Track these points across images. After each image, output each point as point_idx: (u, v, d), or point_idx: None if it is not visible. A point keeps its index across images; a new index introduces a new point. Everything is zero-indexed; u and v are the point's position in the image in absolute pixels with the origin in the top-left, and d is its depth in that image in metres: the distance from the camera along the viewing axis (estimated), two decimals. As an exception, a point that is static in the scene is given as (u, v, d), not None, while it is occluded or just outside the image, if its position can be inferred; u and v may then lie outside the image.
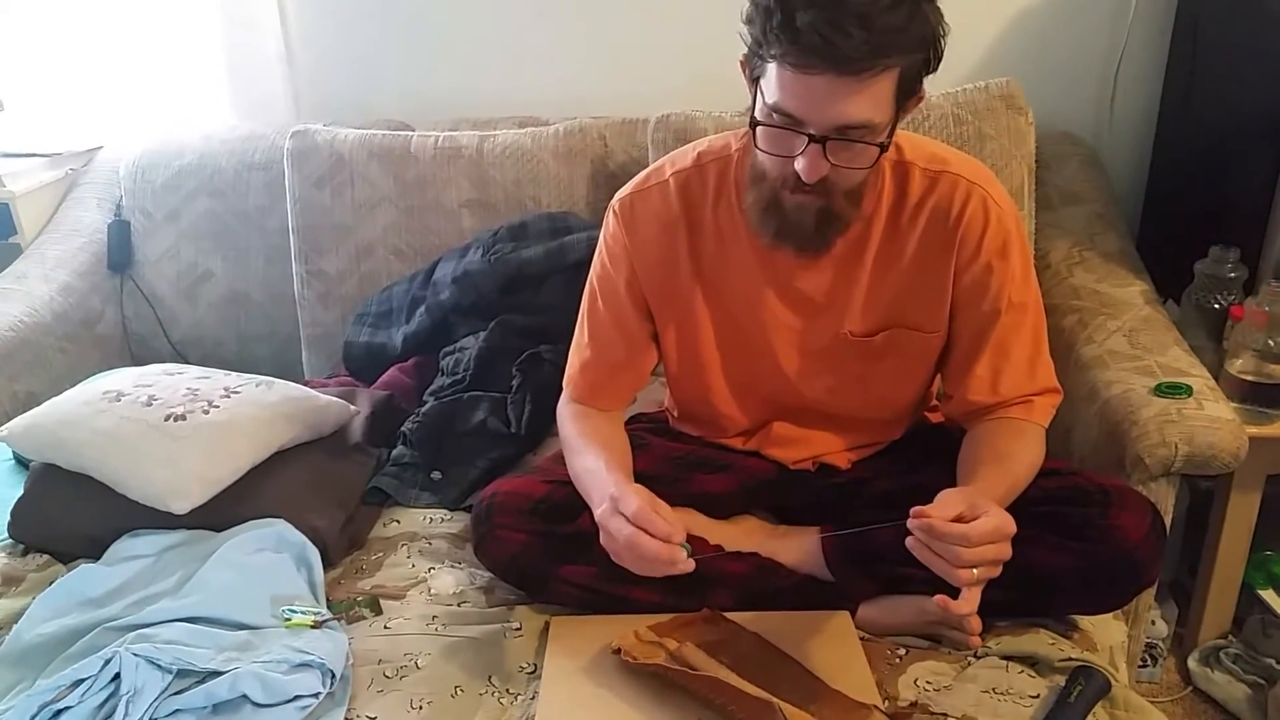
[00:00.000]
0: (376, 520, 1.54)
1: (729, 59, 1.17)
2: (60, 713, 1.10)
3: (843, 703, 1.09)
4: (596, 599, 1.26)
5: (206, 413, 1.45)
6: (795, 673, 1.15)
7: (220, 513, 1.41)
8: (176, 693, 1.12)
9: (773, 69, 1.06)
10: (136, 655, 1.14)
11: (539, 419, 1.63)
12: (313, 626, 1.23)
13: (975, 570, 1.00)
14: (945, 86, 1.86)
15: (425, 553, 1.44)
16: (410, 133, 2.03)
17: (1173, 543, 1.70)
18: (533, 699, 1.15)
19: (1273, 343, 1.53)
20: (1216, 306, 1.66)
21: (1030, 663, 1.18)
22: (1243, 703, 1.65)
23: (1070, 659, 1.17)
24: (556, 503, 1.29)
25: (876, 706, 1.09)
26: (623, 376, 1.38)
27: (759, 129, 1.11)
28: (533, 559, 1.27)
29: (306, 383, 1.82)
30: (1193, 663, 1.72)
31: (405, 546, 1.46)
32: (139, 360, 2.15)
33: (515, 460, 1.63)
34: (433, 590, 1.36)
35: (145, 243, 2.16)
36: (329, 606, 1.32)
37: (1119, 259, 1.81)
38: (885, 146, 1.10)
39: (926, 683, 1.16)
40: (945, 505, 1.02)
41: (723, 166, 1.27)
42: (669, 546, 1.08)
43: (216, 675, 1.13)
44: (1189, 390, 1.43)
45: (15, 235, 2.17)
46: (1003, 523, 1.02)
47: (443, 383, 1.73)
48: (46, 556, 1.45)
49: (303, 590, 1.31)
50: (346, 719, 1.14)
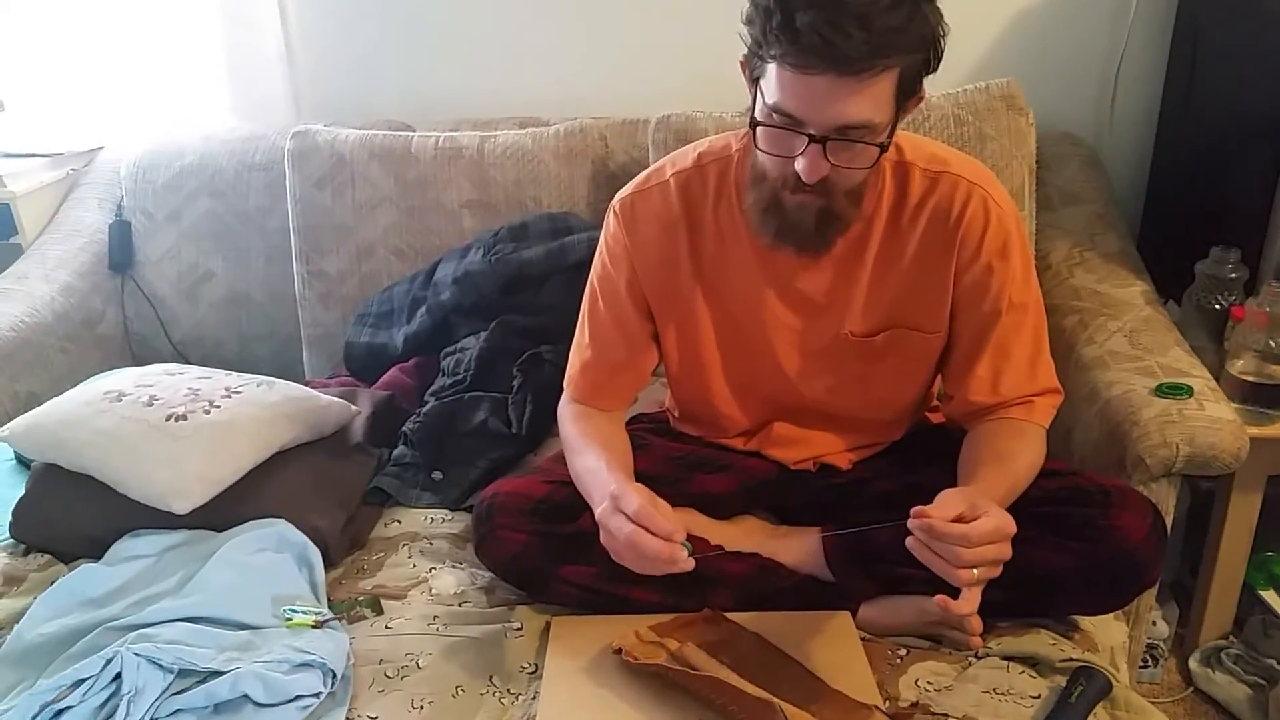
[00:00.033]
0: (377, 520, 1.54)
1: (729, 59, 1.17)
2: (61, 712, 1.10)
3: (843, 703, 1.09)
4: (597, 599, 1.26)
5: (208, 413, 1.46)
6: (796, 673, 1.15)
7: (221, 513, 1.41)
8: (178, 692, 1.12)
9: (773, 69, 1.06)
10: (138, 655, 1.14)
11: (540, 419, 1.63)
12: (314, 626, 1.23)
13: (975, 570, 1.00)
14: (946, 87, 1.86)
15: (426, 553, 1.44)
16: (411, 133, 2.03)
17: (1174, 543, 1.70)
18: (533, 699, 1.15)
19: (1274, 343, 1.52)
20: (1217, 307, 1.66)
21: (1031, 663, 1.18)
22: (1244, 703, 1.65)
23: (1071, 659, 1.17)
24: (557, 503, 1.29)
25: (877, 707, 1.09)
26: (623, 377, 1.38)
27: (759, 129, 1.11)
28: (533, 559, 1.27)
29: (307, 383, 1.82)
30: (1194, 663, 1.72)
31: (406, 546, 1.46)
32: (140, 360, 2.15)
33: (516, 460, 1.64)
34: (434, 590, 1.36)
35: (146, 243, 2.16)
36: (330, 606, 1.32)
37: (1120, 259, 1.80)
38: (885, 146, 1.10)
39: (927, 683, 1.16)
40: (945, 505, 1.02)
41: (723, 167, 1.27)
42: (669, 545, 1.08)
43: (218, 675, 1.13)
44: (1190, 391, 1.43)
45: (16, 235, 2.17)
46: (1003, 523, 1.02)
47: (444, 383, 1.73)
48: (48, 556, 1.45)
49: (304, 590, 1.31)
50: (348, 719, 1.14)
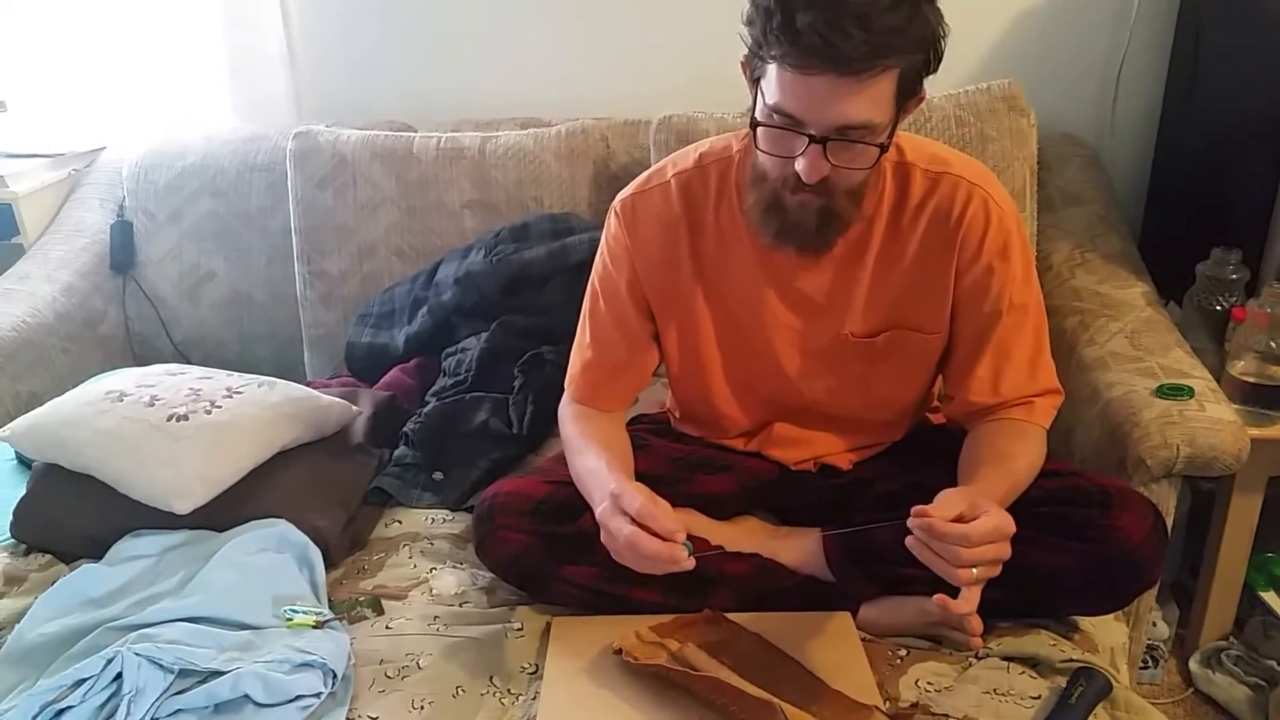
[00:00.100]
0: (378, 520, 1.54)
1: (730, 60, 1.17)
2: (62, 712, 1.10)
3: (844, 703, 1.09)
4: (598, 599, 1.26)
5: (209, 413, 1.46)
6: (796, 673, 1.15)
7: (222, 513, 1.41)
8: (178, 692, 1.12)
9: (773, 70, 1.06)
10: (138, 655, 1.14)
11: (541, 420, 1.63)
12: (314, 626, 1.24)
13: (975, 570, 1.00)
14: (947, 88, 1.86)
15: (427, 553, 1.44)
16: (412, 134, 2.03)
17: (1174, 544, 1.70)
18: (534, 699, 1.15)
19: (1274, 344, 1.52)
20: (1218, 308, 1.66)
21: (1031, 664, 1.18)
22: (1244, 704, 1.65)
23: (1071, 660, 1.17)
24: (558, 503, 1.29)
25: (877, 707, 1.09)
26: (624, 377, 1.38)
27: (759, 130, 1.11)
28: (534, 559, 1.27)
29: (308, 383, 1.82)
30: (1194, 664, 1.72)
31: (407, 547, 1.46)
32: (141, 360, 2.15)
33: (517, 461, 1.64)
34: (434, 590, 1.36)
35: (148, 243, 2.17)
36: (331, 606, 1.32)
37: (1121, 260, 1.80)
38: (885, 147, 1.10)
39: (927, 683, 1.16)
40: (945, 505, 1.02)
41: (724, 167, 1.28)
42: (670, 545, 1.08)
43: (218, 675, 1.13)
44: (1191, 392, 1.43)
45: (18, 236, 2.17)
46: (1002, 523, 1.02)
47: (445, 383, 1.74)
48: (49, 556, 1.45)
49: (304, 590, 1.32)
50: (348, 719, 1.14)
